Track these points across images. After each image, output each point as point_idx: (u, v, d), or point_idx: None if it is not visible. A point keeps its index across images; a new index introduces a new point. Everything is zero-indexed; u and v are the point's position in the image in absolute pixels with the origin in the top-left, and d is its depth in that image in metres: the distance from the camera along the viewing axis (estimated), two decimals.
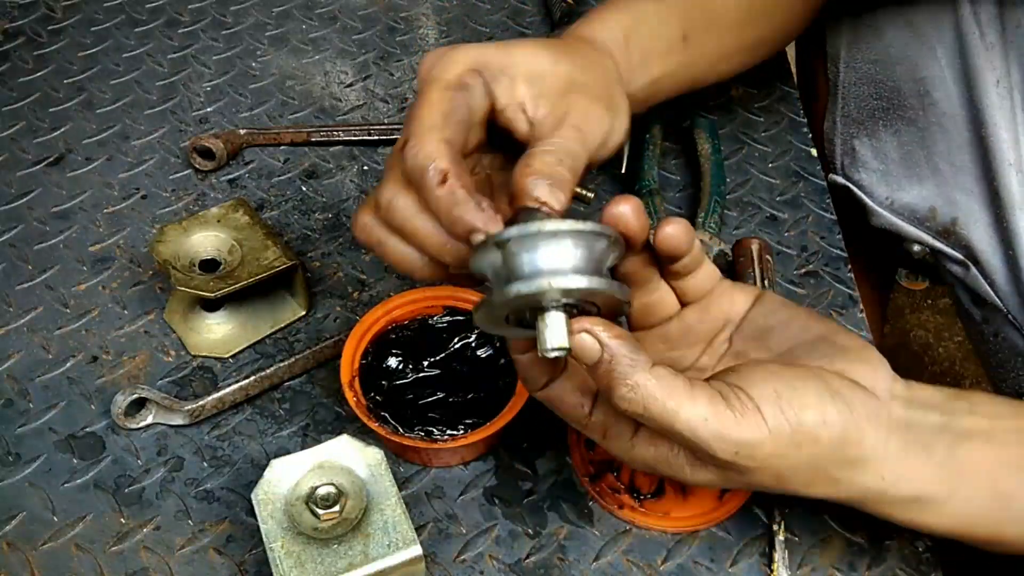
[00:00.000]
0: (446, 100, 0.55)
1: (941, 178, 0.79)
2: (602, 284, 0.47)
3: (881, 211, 0.84)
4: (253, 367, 0.72)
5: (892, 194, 0.83)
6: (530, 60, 0.58)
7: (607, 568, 0.62)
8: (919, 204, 0.81)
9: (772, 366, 0.51)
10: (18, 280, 0.78)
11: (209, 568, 0.62)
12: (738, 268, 0.77)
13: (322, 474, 0.58)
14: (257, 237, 0.73)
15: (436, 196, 0.52)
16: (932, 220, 0.80)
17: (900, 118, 0.80)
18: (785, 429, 0.48)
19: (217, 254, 0.73)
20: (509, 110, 0.58)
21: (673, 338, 0.58)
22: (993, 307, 0.78)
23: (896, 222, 0.83)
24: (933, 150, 0.78)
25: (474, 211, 0.51)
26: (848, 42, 0.83)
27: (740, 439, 0.48)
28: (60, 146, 0.88)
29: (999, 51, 0.72)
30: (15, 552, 0.62)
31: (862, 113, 0.84)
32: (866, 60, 0.81)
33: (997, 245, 0.76)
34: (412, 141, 0.53)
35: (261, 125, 0.91)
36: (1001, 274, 0.76)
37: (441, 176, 0.52)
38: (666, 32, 0.70)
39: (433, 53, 0.58)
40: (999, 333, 0.79)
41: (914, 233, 0.82)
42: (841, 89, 0.85)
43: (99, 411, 0.69)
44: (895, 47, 0.78)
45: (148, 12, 1.02)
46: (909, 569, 0.62)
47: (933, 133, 0.78)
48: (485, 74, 0.57)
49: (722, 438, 0.48)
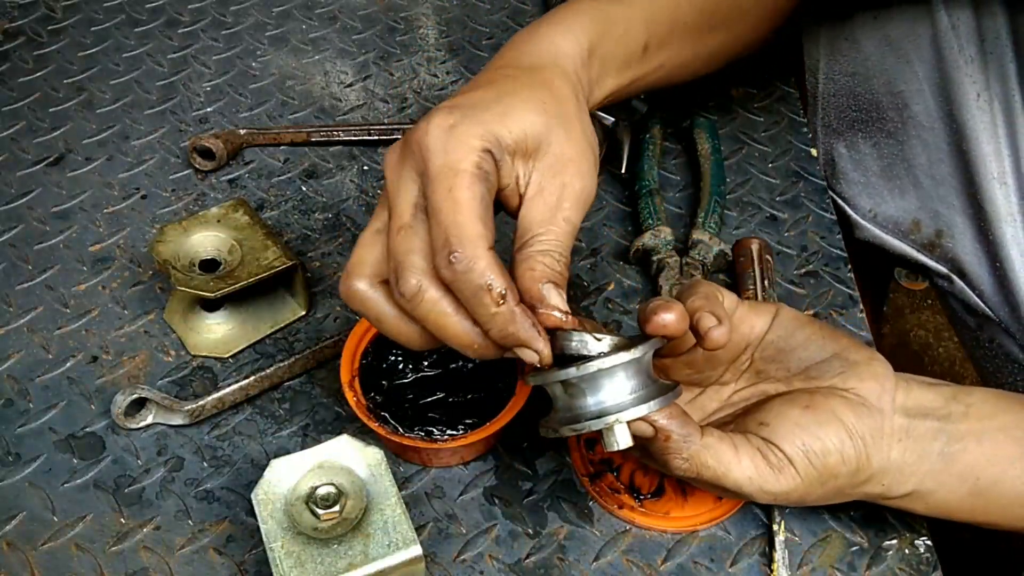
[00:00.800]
0: (478, 199, 0.52)
1: (923, 191, 0.79)
2: (658, 405, 0.54)
3: (865, 224, 0.85)
4: (253, 367, 0.72)
5: (875, 207, 0.83)
6: (527, 128, 0.56)
7: (607, 568, 0.62)
8: (902, 217, 0.81)
9: (797, 416, 0.57)
10: (18, 280, 0.78)
11: (209, 568, 0.62)
12: (738, 268, 0.77)
13: (322, 474, 0.57)
14: (257, 237, 0.73)
15: (491, 313, 0.52)
16: (916, 233, 0.81)
17: (879, 131, 0.81)
18: (813, 475, 0.56)
19: (217, 254, 0.73)
20: (508, 190, 0.56)
21: (698, 363, 0.61)
22: (985, 316, 0.78)
23: (880, 235, 0.84)
24: (913, 163, 0.79)
25: (532, 335, 0.53)
26: (826, 54, 0.83)
27: (778, 490, 0.56)
28: (60, 146, 0.88)
29: (978, 64, 0.72)
30: (15, 552, 0.62)
31: (842, 124, 0.84)
32: (844, 72, 0.82)
33: (982, 257, 0.76)
34: (460, 253, 0.51)
35: (261, 125, 0.91)
36: (988, 286, 0.77)
37: (499, 297, 0.52)
38: (630, 42, 0.68)
39: (436, 129, 0.53)
40: (994, 339, 0.79)
41: (898, 247, 0.83)
42: (821, 100, 0.85)
43: (99, 411, 0.69)
44: (872, 59, 0.78)
45: (148, 12, 1.02)
46: (909, 569, 0.62)
47: (913, 146, 0.78)
48: (495, 154, 0.54)
49: (764, 491, 0.56)
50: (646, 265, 0.79)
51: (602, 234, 0.82)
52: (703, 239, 0.78)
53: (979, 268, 0.77)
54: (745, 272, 0.76)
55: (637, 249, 0.78)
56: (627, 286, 0.78)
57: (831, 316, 0.77)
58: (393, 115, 0.92)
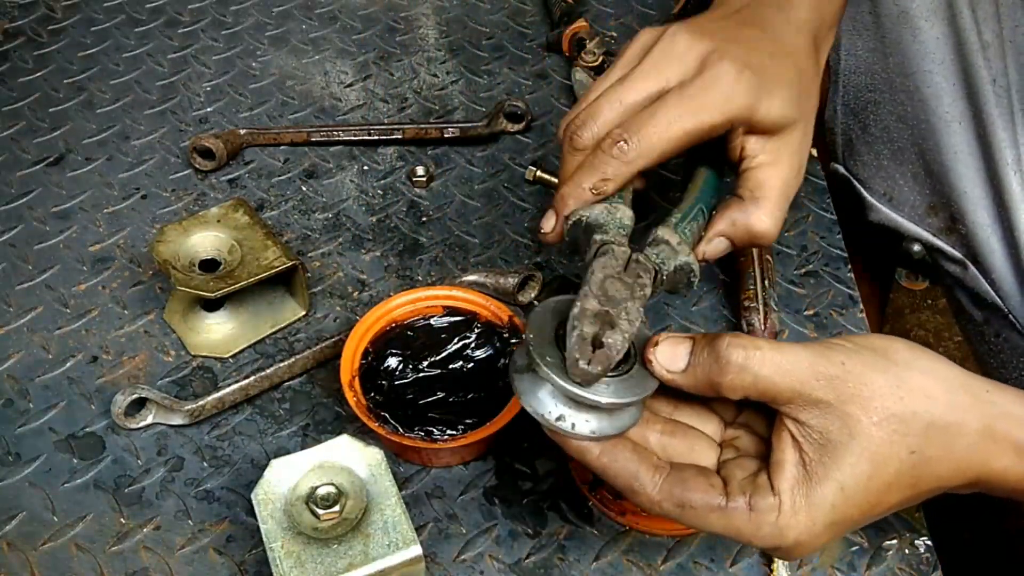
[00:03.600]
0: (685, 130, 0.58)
1: (938, 175, 0.78)
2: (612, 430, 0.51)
3: (879, 206, 0.83)
4: (253, 367, 0.72)
5: (889, 189, 0.82)
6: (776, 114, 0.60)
7: (607, 568, 0.62)
8: (918, 200, 0.81)
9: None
10: (18, 280, 0.78)
11: (209, 568, 0.62)
12: (738, 268, 0.77)
13: (322, 474, 0.57)
14: (257, 237, 0.73)
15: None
16: (932, 217, 0.80)
17: (891, 113, 0.80)
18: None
19: (217, 254, 0.73)
20: (736, 153, 0.61)
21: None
22: (994, 307, 0.78)
23: (895, 218, 0.83)
24: (925, 146, 0.78)
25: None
26: (848, 29, 0.81)
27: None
28: (60, 146, 0.88)
29: (996, 50, 0.71)
30: (15, 552, 0.62)
31: (859, 103, 0.83)
32: (865, 48, 0.81)
33: (999, 243, 0.75)
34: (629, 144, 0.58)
35: (261, 125, 0.91)
36: (1003, 273, 0.76)
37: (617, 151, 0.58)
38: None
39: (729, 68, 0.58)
40: (1000, 333, 0.79)
41: (913, 230, 0.81)
42: (842, 77, 0.84)
43: (99, 411, 0.69)
44: (890, 35, 0.77)
45: (148, 12, 1.02)
46: (909, 569, 0.62)
47: (924, 130, 0.77)
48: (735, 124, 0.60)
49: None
50: (580, 244, 0.59)
51: None
52: (669, 240, 0.58)
53: (993, 254, 0.76)
54: (745, 272, 0.76)
55: (578, 220, 0.59)
56: None
57: (831, 316, 0.77)
58: (393, 115, 0.92)
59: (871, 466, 0.49)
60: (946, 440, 0.50)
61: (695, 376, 0.51)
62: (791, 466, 0.50)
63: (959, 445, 0.51)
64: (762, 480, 0.50)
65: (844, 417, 0.49)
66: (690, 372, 0.51)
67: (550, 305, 0.54)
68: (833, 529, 0.50)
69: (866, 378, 0.50)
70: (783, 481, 0.49)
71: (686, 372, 0.51)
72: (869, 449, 0.49)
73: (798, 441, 0.50)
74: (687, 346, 0.51)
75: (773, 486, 0.50)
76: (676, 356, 0.51)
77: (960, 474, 0.51)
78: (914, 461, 0.50)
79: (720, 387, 0.50)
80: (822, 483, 0.49)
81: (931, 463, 0.50)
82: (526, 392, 0.52)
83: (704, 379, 0.50)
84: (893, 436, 0.49)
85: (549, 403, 0.51)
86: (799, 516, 0.49)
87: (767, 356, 0.49)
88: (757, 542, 0.50)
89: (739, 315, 0.74)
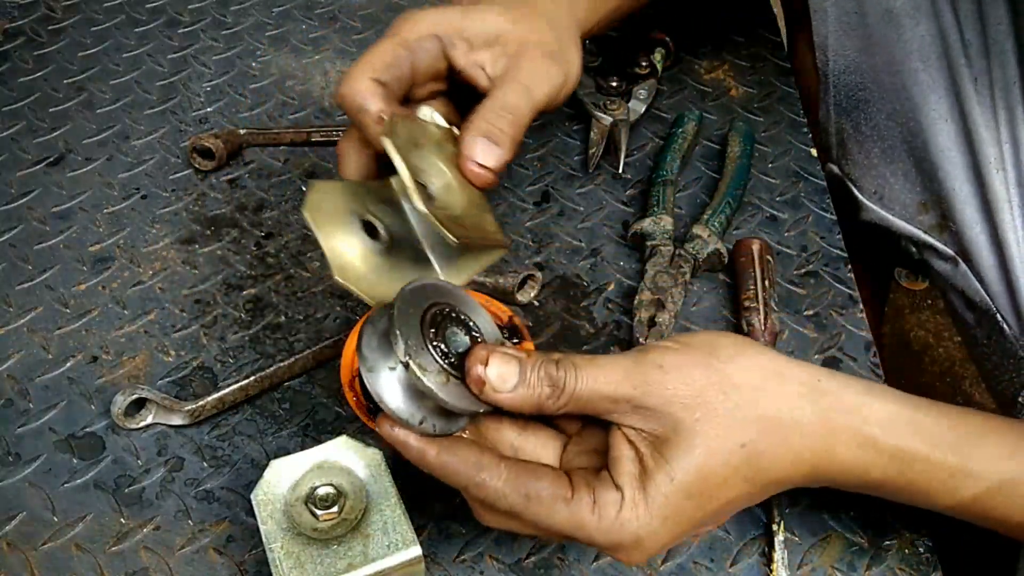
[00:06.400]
0: (388, 52, 0.63)
1: (928, 173, 0.78)
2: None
3: (871, 205, 0.84)
4: (253, 367, 0.72)
5: (880, 187, 0.83)
6: (488, 24, 0.66)
7: (607, 568, 0.62)
8: (908, 198, 0.81)
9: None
10: (18, 280, 0.78)
11: (209, 568, 0.62)
12: (739, 268, 0.77)
13: (321, 474, 0.57)
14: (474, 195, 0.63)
15: (372, 134, 0.61)
16: (923, 214, 0.80)
17: (881, 111, 0.80)
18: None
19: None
20: (469, 69, 0.66)
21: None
22: (984, 310, 0.78)
23: (886, 216, 0.83)
24: (915, 144, 0.78)
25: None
26: (834, 29, 0.82)
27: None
28: (60, 146, 0.88)
29: (978, 48, 0.71)
30: (15, 552, 0.62)
31: (850, 103, 0.83)
32: (854, 48, 0.81)
33: (986, 241, 0.75)
34: (345, 77, 0.62)
35: (261, 125, 0.91)
36: (991, 272, 0.76)
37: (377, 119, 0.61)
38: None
39: (405, 13, 0.66)
40: (991, 336, 0.79)
41: (905, 228, 0.82)
42: (832, 78, 0.84)
43: (99, 411, 0.69)
44: (876, 34, 0.77)
45: (148, 12, 1.02)
46: (909, 569, 0.62)
47: (913, 128, 0.77)
48: (443, 39, 0.66)
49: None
50: (641, 250, 0.80)
51: (602, 234, 0.82)
52: (701, 235, 0.78)
53: (983, 252, 0.76)
54: (745, 272, 0.76)
55: (635, 232, 0.80)
56: (627, 286, 0.78)
57: (831, 316, 0.77)
58: None
59: (702, 459, 0.50)
60: (779, 432, 0.52)
61: (524, 399, 0.52)
62: (628, 461, 0.51)
63: (794, 436, 0.52)
64: (604, 475, 0.52)
65: (667, 417, 0.51)
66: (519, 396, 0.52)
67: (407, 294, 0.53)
68: (670, 525, 0.51)
69: (687, 376, 0.51)
70: (622, 476, 0.51)
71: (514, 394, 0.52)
72: (696, 443, 0.50)
73: (631, 440, 0.51)
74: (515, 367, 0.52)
75: (614, 480, 0.51)
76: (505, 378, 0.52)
77: (798, 466, 0.53)
78: (746, 454, 0.51)
79: (544, 409, 0.52)
80: (655, 475, 0.51)
81: (765, 455, 0.52)
82: (387, 388, 0.52)
83: (532, 403, 0.52)
84: (719, 430, 0.51)
85: (412, 403, 0.52)
86: (638, 509, 0.50)
87: (582, 374, 0.51)
88: (599, 537, 0.51)
89: (739, 315, 0.74)
